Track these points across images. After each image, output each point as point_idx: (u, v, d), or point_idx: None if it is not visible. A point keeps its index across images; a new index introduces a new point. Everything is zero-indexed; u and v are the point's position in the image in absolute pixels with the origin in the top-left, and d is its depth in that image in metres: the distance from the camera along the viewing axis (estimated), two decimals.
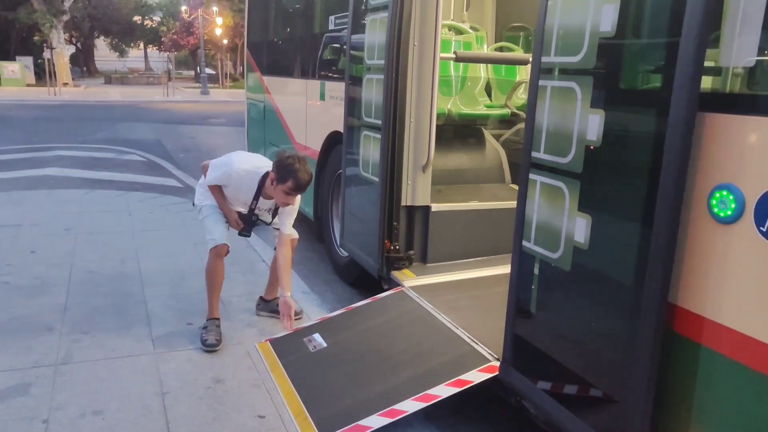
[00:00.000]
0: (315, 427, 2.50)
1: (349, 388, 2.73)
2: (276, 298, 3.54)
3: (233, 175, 3.24)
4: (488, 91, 4.83)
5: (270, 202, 3.36)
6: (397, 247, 3.64)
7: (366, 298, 3.52)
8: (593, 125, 1.88)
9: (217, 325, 3.31)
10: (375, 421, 2.45)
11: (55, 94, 23.56)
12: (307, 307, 3.80)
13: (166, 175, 8.44)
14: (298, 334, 3.25)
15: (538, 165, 2.16)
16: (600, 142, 1.87)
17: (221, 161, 3.31)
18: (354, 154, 3.95)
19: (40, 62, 30.84)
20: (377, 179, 3.60)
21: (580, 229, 1.96)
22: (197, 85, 30.69)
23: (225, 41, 35.11)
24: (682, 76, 1.58)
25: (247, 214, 3.40)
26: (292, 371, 2.94)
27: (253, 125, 7.20)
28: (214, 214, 3.38)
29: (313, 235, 5.21)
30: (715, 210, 1.61)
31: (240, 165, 3.24)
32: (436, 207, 3.66)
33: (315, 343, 3.14)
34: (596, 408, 2.03)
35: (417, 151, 3.56)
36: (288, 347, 3.16)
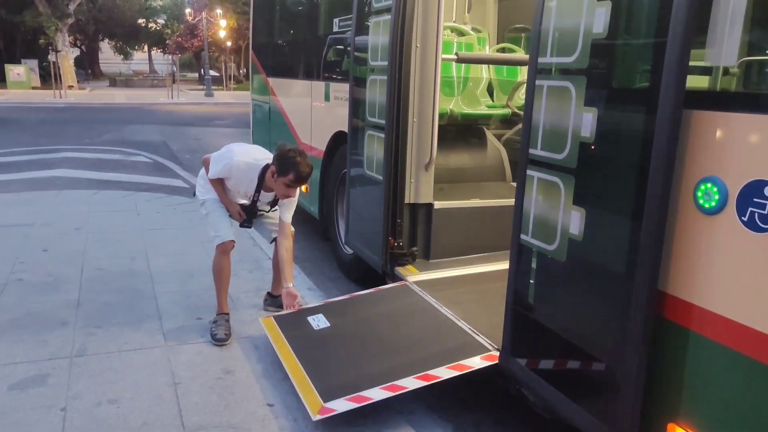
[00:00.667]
0: (318, 396, 2.59)
1: (351, 365, 2.83)
2: None
3: (234, 167, 3.27)
4: (490, 92, 4.91)
5: (270, 194, 3.41)
6: (401, 244, 3.73)
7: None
8: (587, 123, 1.98)
9: (227, 320, 3.41)
10: (376, 394, 2.54)
11: (61, 97, 23.66)
12: (312, 304, 3.89)
13: (173, 175, 8.55)
14: (302, 313, 3.35)
15: (536, 161, 2.25)
16: (593, 139, 1.97)
17: (222, 154, 3.34)
18: (358, 154, 4.04)
19: (45, 65, 31.04)
20: (381, 178, 3.69)
21: (575, 221, 2.05)
22: (201, 87, 30.82)
23: (229, 43, 35.29)
24: (668, 76, 1.67)
25: (249, 206, 3.44)
26: (296, 345, 3.03)
27: (258, 126, 7.29)
28: (217, 209, 3.43)
29: (318, 234, 5.30)
30: (701, 202, 1.70)
31: (240, 158, 3.27)
32: (438, 205, 3.75)
33: (318, 322, 3.24)
34: (592, 392, 2.13)
35: (420, 150, 3.65)
36: (291, 324, 3.25)
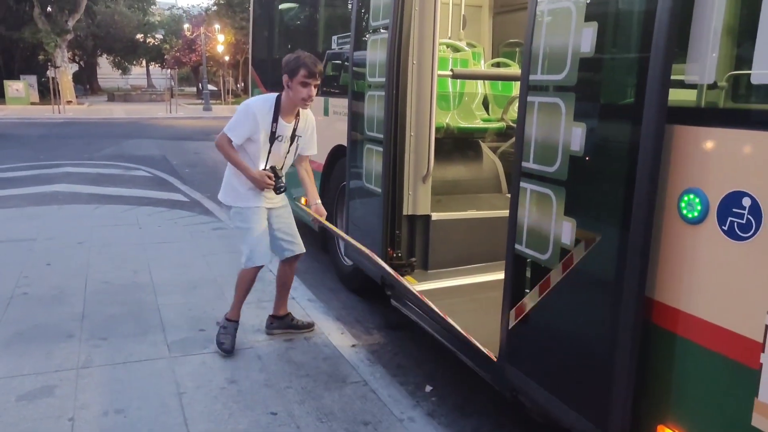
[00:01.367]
0: None
1: None
2: (289, 313, 3.73)
3: (251, 104, 3.30)
4: (486, 106, 5.00)
5: (289, 126, 3.36)
6: (400, 255, 3.80)
7: (370, 305, 3.68)
8: (576, 137, 2.07)
9: (235, 329, 3.46)
10: None
11: (60, 112, 23.77)
12: (313, 314, 3.98)
13: (173, 190, 8.62)
14: None
15: (528, 174, 2.34)
16: (582, 153, 2.06)
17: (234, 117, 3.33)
18: (357, 167, 4.12)
19: (43, 81, 31.13)
20: (380, 190, 3.77)
21: (567, 232, 2.14)
22: (200, 102, 30.90)
23: (227, 58, 35.46)
24: (651, 93, 1.76)
25: (271, 154, 3.35)
26: None
27: None
28: (255, 226, 3.37)
29: (317, 247, 5.38)
30: (684, 212, 1.79)
31: (253, 99, 3.38)
32: (436, 216, 3.83)
33: None
34: (584, 396, 2.20)
35: (417, 163, 3.73)
36: None
